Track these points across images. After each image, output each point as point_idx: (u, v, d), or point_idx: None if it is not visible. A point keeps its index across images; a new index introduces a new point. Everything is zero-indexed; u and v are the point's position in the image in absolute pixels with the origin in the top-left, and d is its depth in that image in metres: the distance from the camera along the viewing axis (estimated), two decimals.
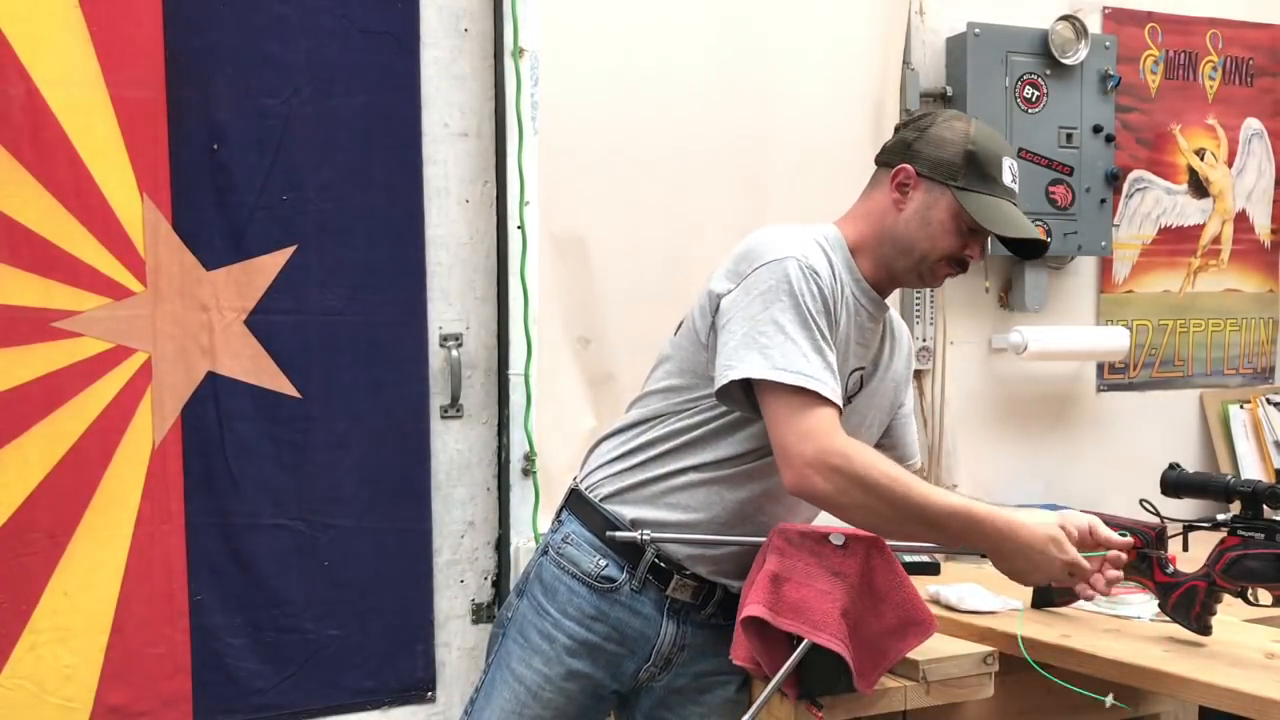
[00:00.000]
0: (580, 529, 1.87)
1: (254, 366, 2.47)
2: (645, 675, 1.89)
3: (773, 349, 1.66)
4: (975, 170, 1.79)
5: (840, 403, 1.71)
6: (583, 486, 1.91)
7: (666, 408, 1.87)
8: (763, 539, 1.93)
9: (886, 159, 1.88)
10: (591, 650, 1.85)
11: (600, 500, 1.88)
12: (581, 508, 1.90)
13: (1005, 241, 1.88)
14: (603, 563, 1.84)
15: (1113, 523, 2.20)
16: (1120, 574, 1.82)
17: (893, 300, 2.95)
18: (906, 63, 3.01)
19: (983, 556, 1.86)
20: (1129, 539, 1.83)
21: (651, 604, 1.86)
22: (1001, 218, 1.80)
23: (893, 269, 1.86)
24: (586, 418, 2.74)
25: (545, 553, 1.91)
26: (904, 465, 2.02)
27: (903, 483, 1.67)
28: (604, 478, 1.90)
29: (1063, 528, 1.75)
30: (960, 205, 1.78)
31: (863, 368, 1.89)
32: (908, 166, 1.82)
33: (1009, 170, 1.82)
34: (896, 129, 1.91)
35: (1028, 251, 1.97)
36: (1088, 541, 1.77)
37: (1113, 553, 1.81)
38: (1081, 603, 2.28)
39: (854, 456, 1.65)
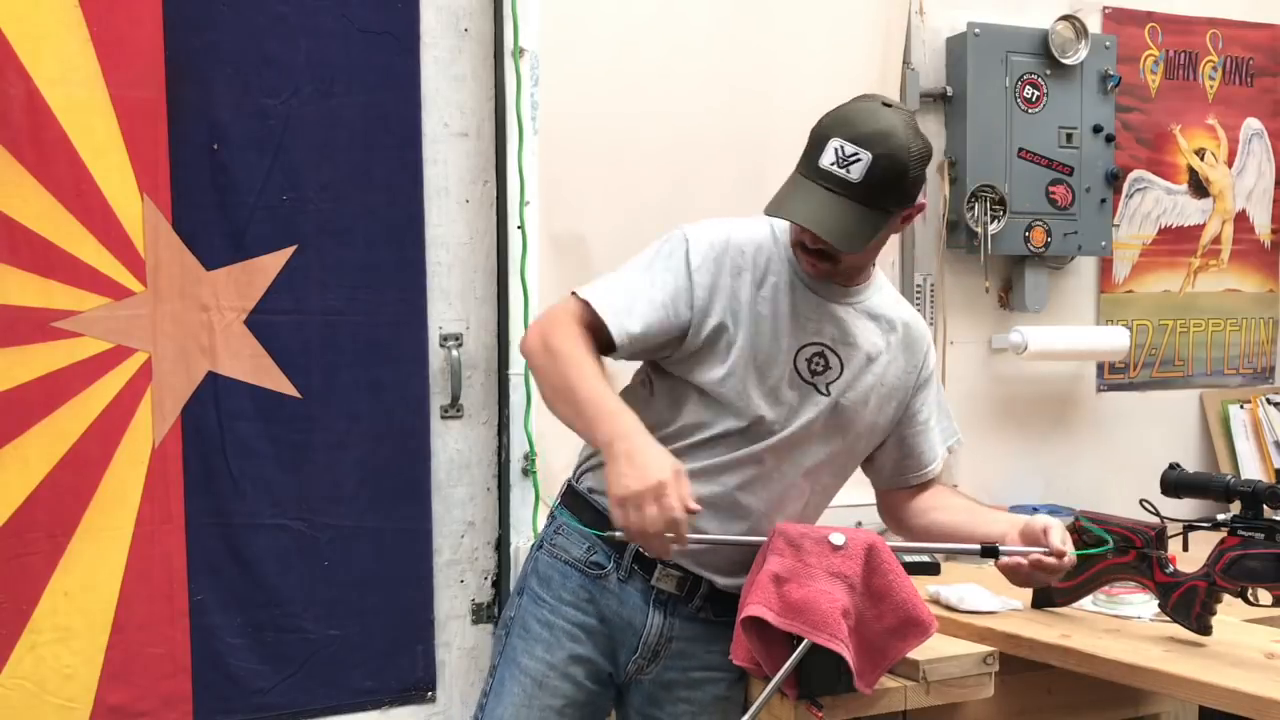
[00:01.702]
0: (571, 519, 1.89)
1: (254, 366, 2.47)
2: (634, 667, 1.89)
3: (601, 278, 1.84)
4: (808, 151, 1.76)
5: (609, 316, 1.75)
6: (573, 479, 1.94)
7: (632, 389, 1.93)
8: (762, 538, 1.93)
9: None
10: (589, 633, 1.87)
11: (589, 491, 1.89)
12: (572, 500, 1.92)
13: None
14: (591, 549, 1.87)
15: (1112, 523, 2.21)
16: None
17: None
18: (906, 63, 3.01)
19: (993, 555, 1.87)
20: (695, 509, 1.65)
21: (638, 594, 1.87)
22: (778, 197, 1.76)
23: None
24: None
25: (540, 546, 1.93)
26: (919, 473, 2.03)
27: (576, 360, 1.72)
28: (587, 469, 1.92)
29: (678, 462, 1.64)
30: None
31: (824, 346, 1.85)
32: None
33: (832, 151, 1.72)
34: None
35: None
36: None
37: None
38: (1082, 602, 2.28)
39: (558, 325, 1.77)
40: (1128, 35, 3.25)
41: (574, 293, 1.81)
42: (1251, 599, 2.05)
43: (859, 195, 1.72)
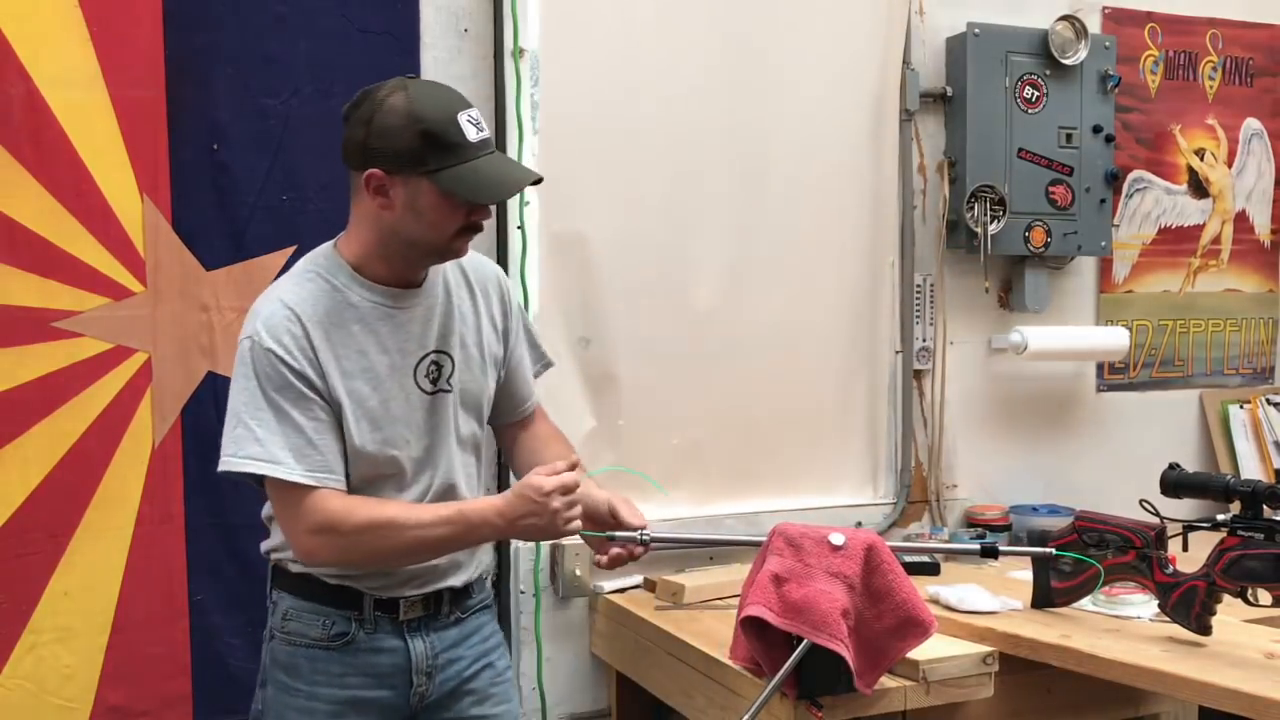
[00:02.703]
0: (295, 601, 1.85)
1: None
2: (416, 697, 1.89)
3: (236, 435, 1.73)
4: (437, 147, 1.69)
5: (316, 480, 1.71)
6: (274, 560, 1.89)
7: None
8: (762, 538, 1.93)
9: (350, 163, 1.77)
10: (356, 704, 1.85)
11: (304, 569, 1.84)
12: (291, 582, 1.86)
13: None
14: (329, 623, 1.84)
15: (1112, 523, 2.21)
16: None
17: (885, 298, 2.99)
18: (906, 63, 3.01)
19: (993, 555, 1.87)
20: (574, 459, 1.83)
21: (391, 635, 1.86)
22: (486, 183, 1.73)
23: (411, 262, 1.81)
24: (587, 418, 2.74)
25: (271, 638, 1.88)
26: (519, 410, 2.04)
27: (388, 518, 1.74)
28: (281, 549, 1.87)
29: (526, 484, 1.75)
30: (441, 189, 1.71)
31: (431, 352, 1.85)
32: (374, 171, 1.72)
33: (469, 125, 1.72)
34: (344, 117, 1.78)
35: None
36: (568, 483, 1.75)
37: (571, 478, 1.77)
38: (1082, 602, 2.29)
39: (336, 518, 1.72)
40: (1127, 35, 3.25)
41: (264, 477, 1.73)
42: (1251, 599, 2.06)
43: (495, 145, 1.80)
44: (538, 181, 1.81)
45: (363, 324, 1.79)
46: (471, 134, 1.72)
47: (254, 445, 1.71)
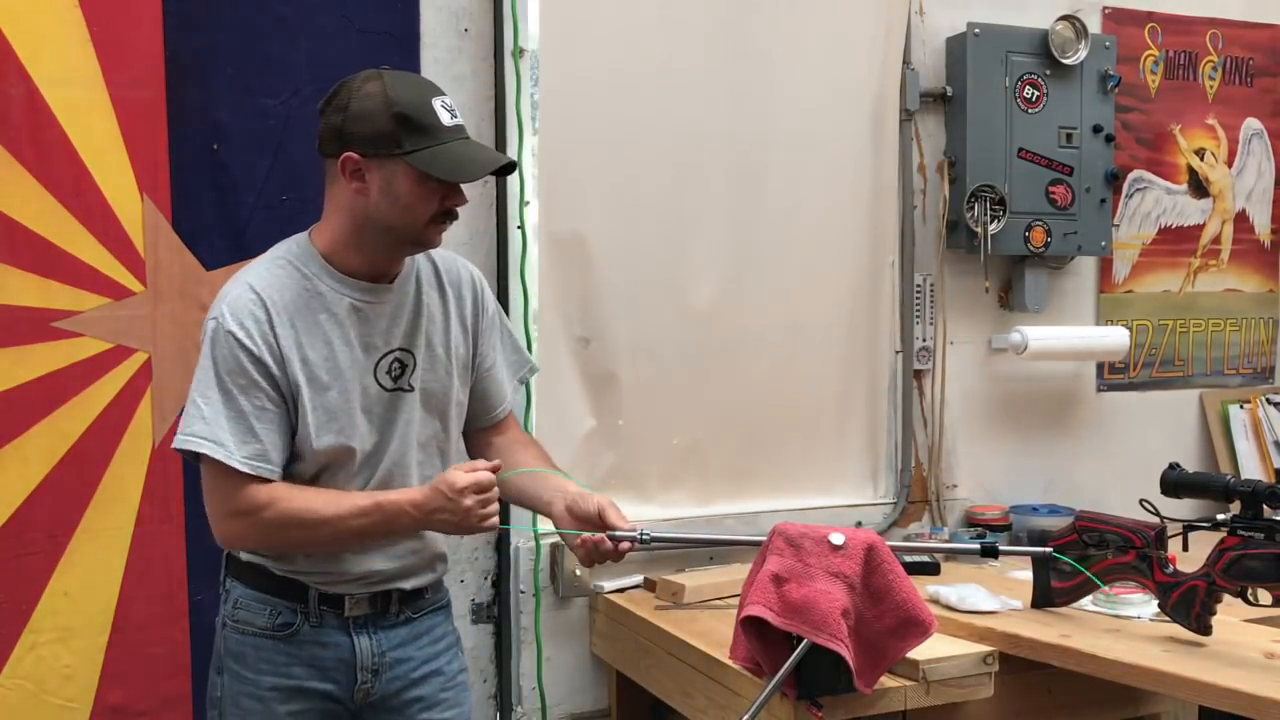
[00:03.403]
0: (245, 590, 1.88)
1: None
2: (360, 694, 1.90)
3: (188, 413, 1.76)
4: (412, 128, 1.72)
5: (251, 467, 1.73)
6: (233, 554, 1.92)
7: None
8: (762, 538, 1.93)
9: (326, 150, 1.79)
10: (301, 693, 1.86)
11: (250, 558, 1.88)
12: (237, 568, 1.90)
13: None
14: (275, 613, 1.86)
15: (1112, 523, 2.21)
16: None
17: (885, 298, 2.99)
18: (906, 63, 3.01)
19: (993, 554, 1.87)
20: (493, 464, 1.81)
21: (336, 630, 1.88)
22: (459, 164, 1.76)
23: (384, 250, 1.82)
24: (586, 418, 2.74)
25: (224, 626, 1.92)
26: (489, 416, 2.05)
27: (307, 510, 1.76)
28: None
29: (442, 479, 1.77)
30: (417, 170, 1.73)
31: (396, 349, 1.86)
32: (350, 154, 1.74)
33: (443, 110, 1.76)
34: (320, 110, 1.80)
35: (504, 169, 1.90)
36: (481, 481, 1.76)
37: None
38: (1082, 602, 2.28)
39: (258, 506, 1.75)
40: (1128, 35, 3.25)
41: (201, 455, 1.74)
42: (1251, 599, 2.06)
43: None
44: (511, 166, 1.86)
45: (329, 315, 1.80)
46: (445, 118, 1.76)
47: (200, 424, 1.74)
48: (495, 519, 1.79)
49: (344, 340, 1.81)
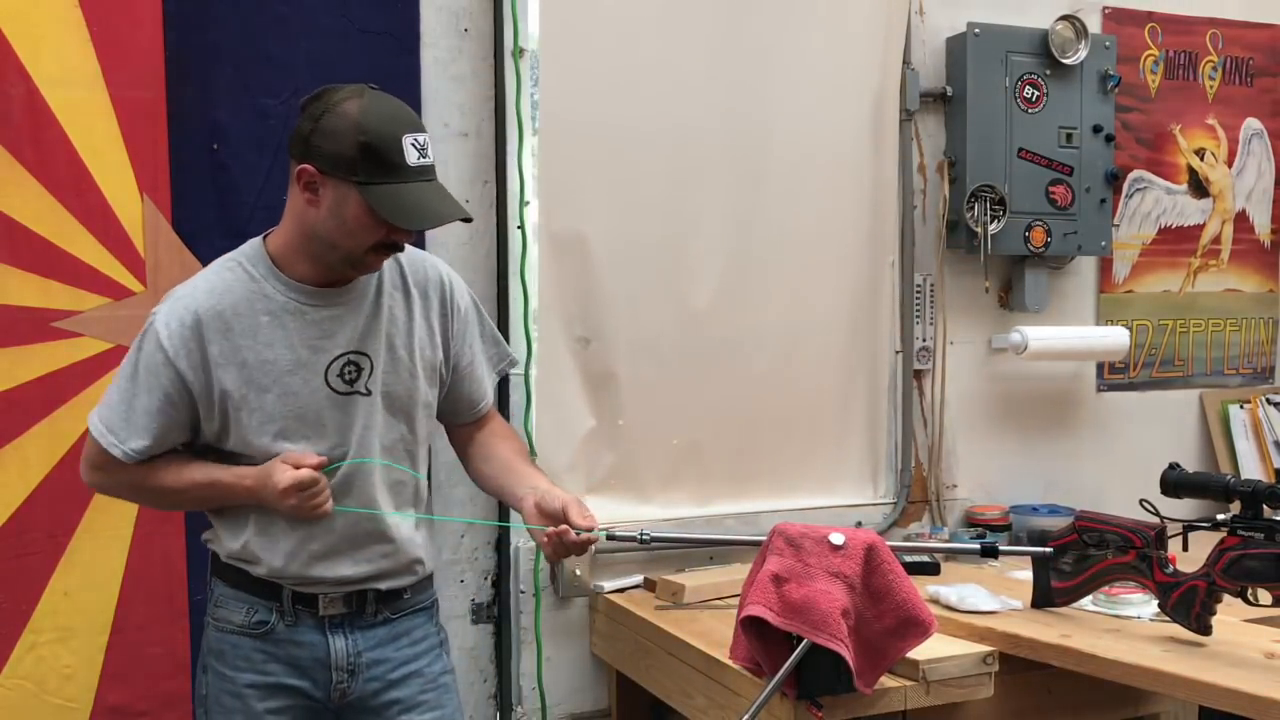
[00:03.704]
0: (225, 588, 1.91)
1: None
2: (337, 693, 1.90)
3: (106, 392, 1.85)
4: (373, 161, 1.71)
5: (108, 443, 1.80)
6: (210, 548, 1.94)
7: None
8: (762, 538, 1.93)
9: (291, 152, 1.80)
10: (279, 690, 1.88)
11: (227, 558, 1.90)
12: (218, 567, 1.93)
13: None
14: (252, 611, 1.88)
15: (1112, 523, 2.21)
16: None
17: (885, 298, 2.99)
18: (906, 63, 3.01)
19: (993, 554, 1.86)
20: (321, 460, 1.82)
21: (312, 629, 1.89)
22: (410, 209, 1.74)
23: (328, 263, 1.82)
24: (586, 418, 2.74)
25: (207, 624, 1.94)
26: (471, 412, 2.04)
27: (147, 483, 1.85)
28: (211, 540, 1.94)
29: (267, 472, 1.79)
30: (367, 202, 1.72)
31: (349, 353, 1.85)
32: (308, 166, 1.75)
33: (412, 149, 1.74)
34: (300, 107, 1.80)
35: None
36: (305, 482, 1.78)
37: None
38: (1082, 602, 2.29)
39: (110, 465, 1.83)
40: (1128, 35, 3.25)
41: (90, 427, 1.84)
42: (1251, 599, 2.06)
43: (436, 174, 1.80)
44: (466, 219, 1.85)
45: (272, 317, 1.81)
46: (412, 157, 1.74)
47: (103, 405, 1.82)
48: (328, 507, 1.80)
49: (286, 343, 1.82)
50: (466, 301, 2.02)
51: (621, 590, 2.69)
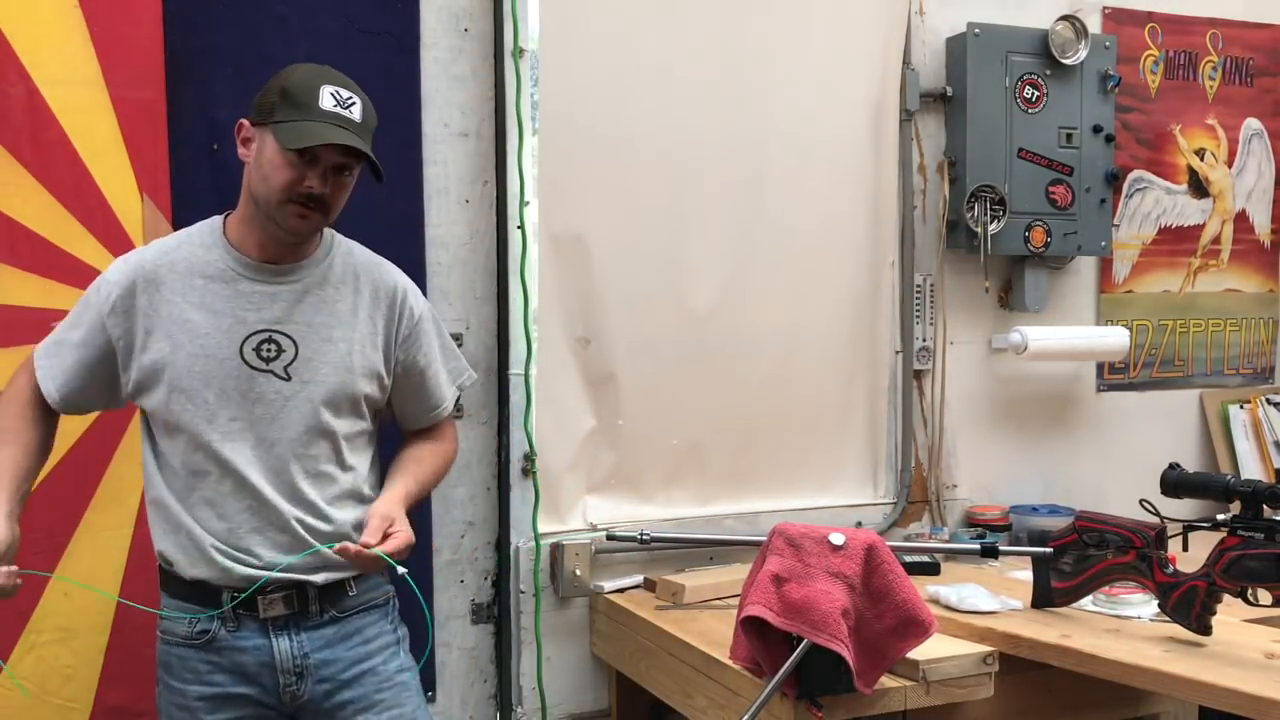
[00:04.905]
0: (168, 598, 1.93)
1: None
2: (288, 696, 1.90)
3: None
4: (289, 103, 1.79)
5: (41, 377, 1.89)
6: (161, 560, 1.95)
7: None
8: (762, 538, 1.93)
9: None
10: (229, 701, 1.88)
11: (160, 560, 1.93)
12: (162, 577, 1.95)
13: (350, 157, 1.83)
14: (193, 622, 1.88)
15: (1112, 523, 2.21)
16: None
17: (885, 298, 2.99)
18: (906, 63, 3.01)
19: (993, 554, 1.86)
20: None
21: (255, 633, 1.88)
22: (305, 133, 1.78)
23: (261, 226, 1.86)
24: (586, 418, 2.74)
25: (158, 637, 1.95)
26: (429, 416, 2.05)
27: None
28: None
29: None
30: (276, 138, 1.78)
31: (269, 329, 1.86)
32: (244, 120, 1.85)
33: (330, 96, 1.80)
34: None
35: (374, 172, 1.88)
36: None
37: None
38: (1082, 602, 2.29)
39: (9, 393, 1.92)
40: (1128, 35, 3.26)
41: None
42: (1251, 599, 2.06)
43: (362, 134, 1.83)
44: (369, 162, 1.84)
45: (207, 280, 1.86)
46: (327, 103, 1.80)
47: (51, 341, 1.92)
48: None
49: (210, 308, 1.85)
50: (423, 310, 2.03)
51: (621, 590, 2.70)
